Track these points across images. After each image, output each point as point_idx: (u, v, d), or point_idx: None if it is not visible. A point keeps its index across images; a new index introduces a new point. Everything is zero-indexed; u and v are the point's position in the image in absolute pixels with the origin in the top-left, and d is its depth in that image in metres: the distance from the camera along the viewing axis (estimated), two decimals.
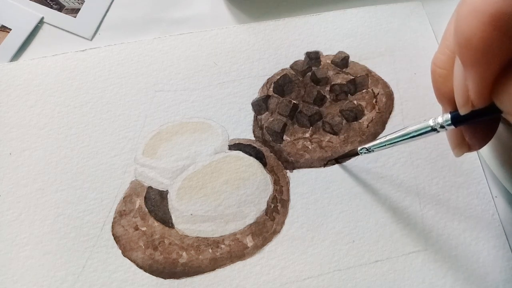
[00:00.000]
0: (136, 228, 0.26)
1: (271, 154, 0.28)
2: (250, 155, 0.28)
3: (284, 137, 0.29)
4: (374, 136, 0.29)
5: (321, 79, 0.30)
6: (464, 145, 0.22)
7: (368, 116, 0.29)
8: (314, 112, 0.29)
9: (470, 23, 0.15)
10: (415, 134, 0.20)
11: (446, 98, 0.20)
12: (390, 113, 0.29)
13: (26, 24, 0.32)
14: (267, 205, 0.27)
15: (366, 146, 0.24)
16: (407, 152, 0.28)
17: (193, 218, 0.26)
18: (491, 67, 0.15)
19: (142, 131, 0.29)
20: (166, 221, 0.26)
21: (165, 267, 0.25)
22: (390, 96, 0.30)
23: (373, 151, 0.24)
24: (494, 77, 0.15)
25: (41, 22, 0.32)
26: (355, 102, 0.30)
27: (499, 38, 0.14)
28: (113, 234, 0.26)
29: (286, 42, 0.32)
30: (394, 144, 0.22)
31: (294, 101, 0.30)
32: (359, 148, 0.25)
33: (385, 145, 0.23)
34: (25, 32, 0.32)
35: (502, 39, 0.14)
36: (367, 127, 0.29)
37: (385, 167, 0.28)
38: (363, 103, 0.30)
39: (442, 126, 0.19)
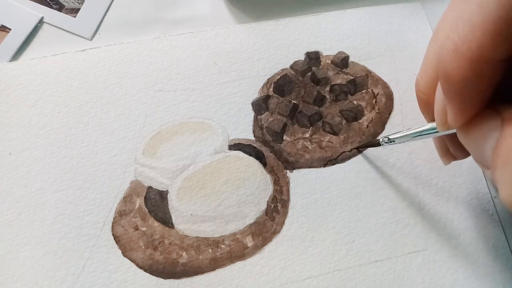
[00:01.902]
0: (136, 228, 0.26)
1: (271, 154, 0.28)
2: (250, 155, 0.28)
3: (284, 137, 0.29)
4: (374, 136, 0.29)
5: (321, 79, 0.30)
6: (449, 155, 0.23)
7: (368, 116, 0.29)
8: (314, 112, 0.29)
9: (451, 61, 0.16)
10: (432, 131, 0.21)
11: (429, 118, 0.22)
12: (389, 114, 0.29)
13: (26, 24, 0.32)
14: (267, 205, 0.27)
15: (388, 135, 0.25)
16: (407, 152, 0.28)
17: (193, 218, 0.26)
18: (468, 104, 0.16)
19: (142, 131, 0.29)
20: (166, 221, 0.26)
21: (165, 267, 0.25)
22: (390, 97, 0.30)
23: (393, 141, 0.25)
24: (470, 112, 0.16)
25: (41, 22, 0.32)
26: (355, 102, 0.30)
27: (476, 80, 0.15)
28: (113, 234, 0.26)
29: (286, 42, 0.32)
30: (414, 138, 0.23)
31: (294, 101, 0.30)
32: (380, 138, 0.26)
33: (403, 139, 0.24)
34: (25, 32, 0.32)
35: (479, 81, 0.15)
36: (367, 127, 0.29)
37: (385, 167, 0.28)
38: (363, 103, 0.30)
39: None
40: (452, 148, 0.22)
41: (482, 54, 0.15)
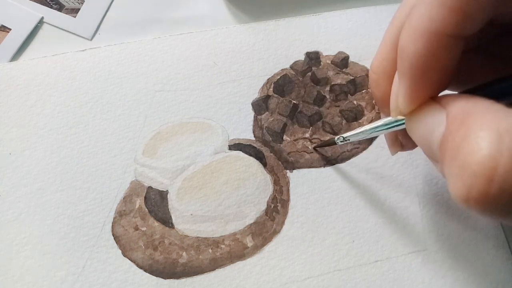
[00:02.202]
0: (136, 228, 0.26)
1: (271, 154, 0.28)
2: (250, 155, 0.28)
3: (284, 137, 0.29)
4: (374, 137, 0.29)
5: (321, 79, 0.30)
6: (397, 144, 0.23)
7: (368, 116, 0.29)
8: (314, 112, 0.29)
9: (405, 34, 0.16)
10: (386, 127, 0.21)
11: (379, 101, 0.21)
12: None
13: (26, 24, 0.32)
14: (267, 205, 0.27)
15: (343, 135, 0.24)
16: (407, 152, 0.28)
17: (193, 218, 0.26)
18: (419, 84, 0.16)
19: (142, 131, 0.29)
20: (166, 221, 0.26)
21: (165, 267, 0.25)
22: None
23: (348, 140, 0.24)
24: (421, 94, 0.16)
25: (41, 22, 0.32)
26: (355, 102, 0.30)
27: (428, 55, 0.15)
28: (113, 234, 0.26)
29: (286, 42, 0.32)
30: (369, 134, 0.22)
31: (294, 101, 0.30)
32: (336, 138, 0.25)
33: (359, 136, 0.23)
34: (25, 32, 0.32)
35: (431, 57, 0.15)
36: None
37: (385, 167, 0.28)
38: (363, 103, 0.30)
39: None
40: (402, 136, 0.22)
41: (434, 28, 0.15)
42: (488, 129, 0.13)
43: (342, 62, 0.31)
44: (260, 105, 0.30)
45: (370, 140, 0.29)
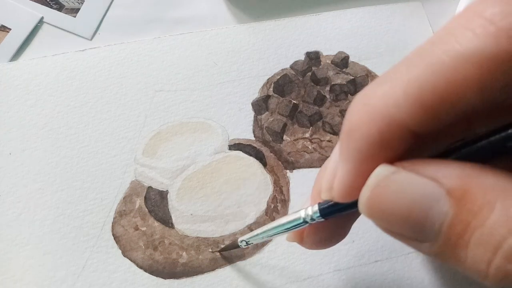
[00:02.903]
0: (136, 228, 0.26)
1: (271, 154, 0.28)
2: (250, 155, 0.28)
3: (284, 137, 0.29)
4: None
5: (321, 79, 0.30)
6: (297, 236, 0.19)
7: None
8: (314, 112, 0.29)
9: (360, 115, 0.14)
10: (288, 226, 0.19)
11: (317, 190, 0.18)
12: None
13: (26, 24, 0.32)
14: (267, 205, 0.27)
15: (245, 238, 0.22)
16: None
17: (193, 218, 0.26)
18: (360, 168, 0.14)
19: (142, 131, 0.29)
20: (166, 221, 0.26)
21: (165, 267, 0.25)
22: None
23: (252, 243, 0.22)
24: (361, 180, 0.14)
25: (40, 21, 0.32)
26: None
27: (381, 144, 0.13)
28: (113, 234, 0.26)
29: (286, 42, 0.32)
30: (272, 236, 0.20)
31: (294, 101, 0.30)
32: (239, 240, 0.23)
33: (262, 237, 0.21)
34: (25, 31, 0.32)
35: (383, 146, 0.13)
36: None
37: None
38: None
39: (312, 219, 0.17)
40: (307, 233, 0.19)
41: (398, 117, 0.13)
42: None
43: (342, 62, 0.31)
44: (260, 105, 0.30)
45: None
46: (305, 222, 0.18)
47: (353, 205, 0.15)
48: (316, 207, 0.17)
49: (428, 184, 0.13)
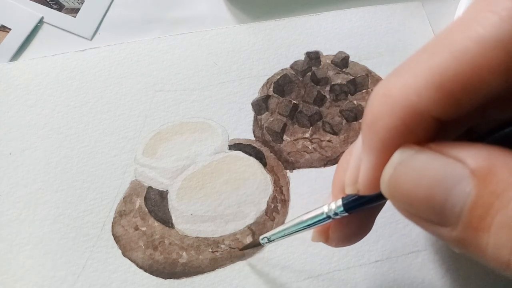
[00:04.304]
0: (136, 228, 0.26)
1: (271, 154, 0.28)
2: (250, 155, 0.28)
3: (284, 137, 0.29)
4: None
5: (321, 79, 0.30)
6: (324, 236, 0.19)
7: None
8: (314, 112, 0.29)
9: (381, 107, 0.13)
10: (311, 222, 0.19)
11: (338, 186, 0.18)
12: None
13: (26, 24, 0.32)
14: (267, 205, 0.27)
15: (267, 235, 0.22)
16: None
17: (193, 218, 0.26)
18: (385, 158, 0.14)
19: (142, 131, 0.29)
20: (166, 221, 0.26)
21: (165, 267, 0.25)
22: None
23: (273, 240, 0.22)
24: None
25: (41, 22, 0.32)
26: (355, 102, 0.30)
27: (404, 133, 0.13)
28: (113, 234, 0.26)
29: (286, 42, 0.32)
30: (294, 232, 0.20)
31: (294, 101, 0.30)
32: (260, 238, 0.23)
33: (284, 234, 0.21)
34: (25, 32, 0.32)
35: (406, 135, 0.13)
36: None
37: None
38: (363, 103, 0.30)
39: (335, 213, 0.17)
40: (333, 228, 0.19)
41: (419, 105, 0.13)
42: None
43: (342, 62, 0.31)
44: (260, 105, 0.30)
45: None
46: (328, 217, 0.18)
47: (377, 197, 0.15)
48: (339, 202, 0.17)
49: (452, 164, 0.12)
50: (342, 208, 0.17)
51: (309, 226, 0.19)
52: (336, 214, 0.17)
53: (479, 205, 0.12)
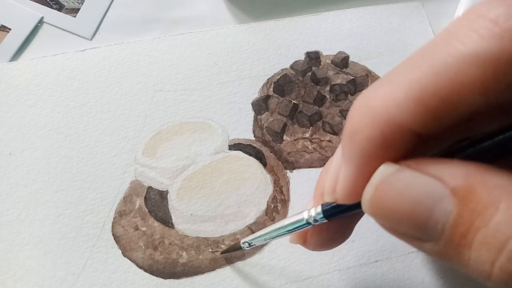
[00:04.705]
0: (136, 228, 0.26)
1: (271, 154, 0.28)
2: (250, 155, 0.28)
3: (284, 137, 0.29)
4: None
5: (321, 79, 0.30)
6: (301, 239, 0.19)
7: None
8: (314, 112, 0.29)
9: (361, 117, 0.13)
10: (291, 228, 0.19)
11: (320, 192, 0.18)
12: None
13: (26, 24, 0.32)
14: (267, 205, 0.27)
15: (247, 240, 0.22)
16: None
17: (193, 218, 0.26)
18: (363, 169, 0.14)
19: (142, 131, 0.29)
20: (166, 221, 0.26)
21: (165, 267, 0.25)
22: None
23: (254, 245, 0.22)
24: (364, 181, 0.14)
25: (41, 22, 0.32)
26: None
27: (383, 145, 0.13)
28: (113, 234, 0.26)
29: (286, 42, 0.32)
30: (274, 237, 0.20)
31: (294, 101, 0.30)
32: (241, 242, 0.23)
33: (264, 239, 0.21)
34: (25, 31, 0.32)
35: (386, 147, 0.13)
36: None
37: None
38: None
39: (315, 220, 0.17)
40: (311, 233, 0.19)
41: (399, 118, 0.13)
42: None
43: (342, 62, 0.31)
44: (260, 105, 0.30)
45: None
46: (308, 223, 0.18)
47: (356, 206, 0.15)
48: (319, 209, 0.17)
49: (432, 183, 0.12)
50: (321, 215, 0.17)
51: (289, 231, 0.19)
52: (315, 220, 0.17)
53: (460, 223, 0.12)
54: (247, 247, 0.23)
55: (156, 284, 0.24)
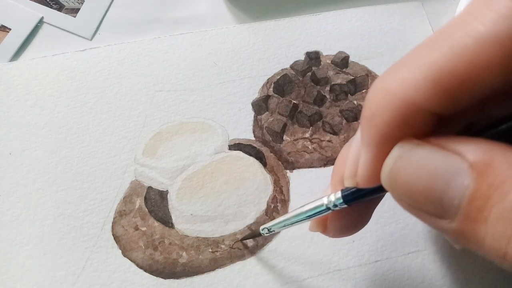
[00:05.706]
0: (136, 228, 0.26)
1: (271, 154, 0.28)
2: (250, 155, 0.28)
3: (284, 137, 0.29)
4: None
5: (321, 79, 0.30)
6: (321, 226, 0.19)
7: None
8: (314, 112, 0.29)
9: (380, 101, 0.14)
10: (311, 213, 0.19)
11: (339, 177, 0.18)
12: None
13: (26, 24, 0.32)
14: (267, 205, 0.27)
15: (267, 226, 0.22)
16: None
17: (193, 218, 0.26)
18: (383, 152, 0.14)
19: (142, 131, 0.29)
20: (166, 221, 0.26)
21: (165, 267, 0.25)
22: None
23: (274, 231, 0.22)
24: (382, 162, 0.14)
25: (40, 22, 0.32)
26: (355, 102, 0.30)
27: (402, 127, 0.13)
28: (113, 234, 0.26)
29: (286, 42, 0.32)
30: (294, 223, 0.20)
31: (294, 101, 0.30)
32: (261, 228, 0.23)
33: (284, 225, 0.21)
34: (25, 32, 0.32)
35: (405, 129, 0.13)
36: None
37: None
38: (363, 103, 0.30)
39: (335, 205, 0.17)
40: (331, 219, 0.19)
41: (416, 100, 0.13)
42: None
43: (342, 62, 0.31)
44: (260, 105, 0.30)
45: None
46: (327, 208, 0.18)
47: (376, 190, 0.15)
48: (339, 194, 0.17)
49: (451, 157, 0.12)
50: (341, 200, 0.17)
51: (308, 217, 0.19)
52: (335, 205, 0.17)
53: (477, 197, 0.12)
54: (267, 233, 0.23)
55: (156, 284, 0.24)
